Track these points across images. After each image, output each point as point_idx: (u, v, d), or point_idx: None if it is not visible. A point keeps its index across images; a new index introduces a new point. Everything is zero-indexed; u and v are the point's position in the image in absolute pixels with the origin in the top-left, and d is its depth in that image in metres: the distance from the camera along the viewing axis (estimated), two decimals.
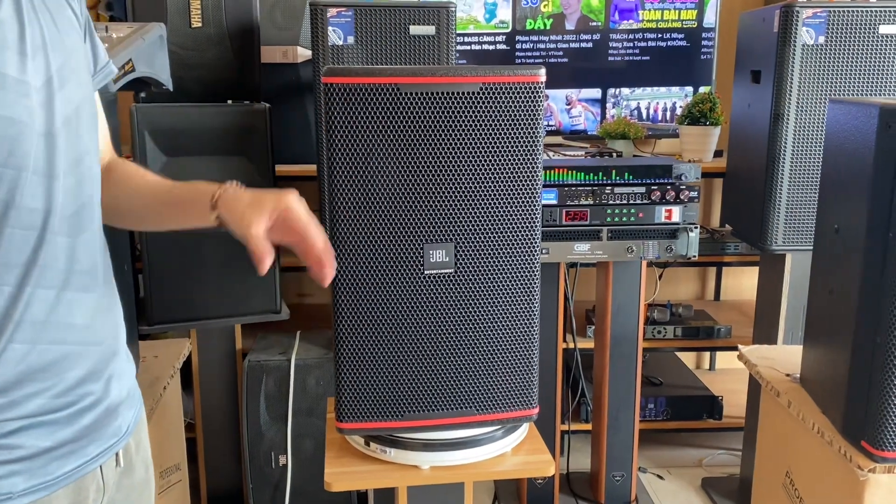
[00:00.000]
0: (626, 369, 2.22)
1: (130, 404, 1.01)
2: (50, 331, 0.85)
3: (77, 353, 0.88)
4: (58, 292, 0.85)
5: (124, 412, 0.98)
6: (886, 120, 1.29)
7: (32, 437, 0.84)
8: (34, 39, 0.82)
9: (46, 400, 0.85)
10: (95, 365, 0.92)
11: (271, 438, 2.16)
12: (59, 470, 0.87)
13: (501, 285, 1.29)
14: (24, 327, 0.81)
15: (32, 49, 0.81)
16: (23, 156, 0.79)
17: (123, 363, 1.00)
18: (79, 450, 0.90)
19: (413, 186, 1.23)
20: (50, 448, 0.86)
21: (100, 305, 0.92)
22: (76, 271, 0.87)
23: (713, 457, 2.76)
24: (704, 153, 2.56)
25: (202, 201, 0.99)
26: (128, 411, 0.99)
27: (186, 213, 1.03)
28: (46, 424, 0.86)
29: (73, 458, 0.89)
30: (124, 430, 0.98)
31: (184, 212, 1.03)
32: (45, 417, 0.85)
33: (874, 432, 1.33)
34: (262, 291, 2.08)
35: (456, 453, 1.35)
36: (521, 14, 2.68)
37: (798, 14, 1.93)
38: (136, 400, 1.04)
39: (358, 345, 1.27)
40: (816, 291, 1.59)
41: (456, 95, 1.20)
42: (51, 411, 0.86)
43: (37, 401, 0.84)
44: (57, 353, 0.86)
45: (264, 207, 0.96)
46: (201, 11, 1.96)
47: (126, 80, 1.41)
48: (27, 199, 0.80)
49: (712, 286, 3.17)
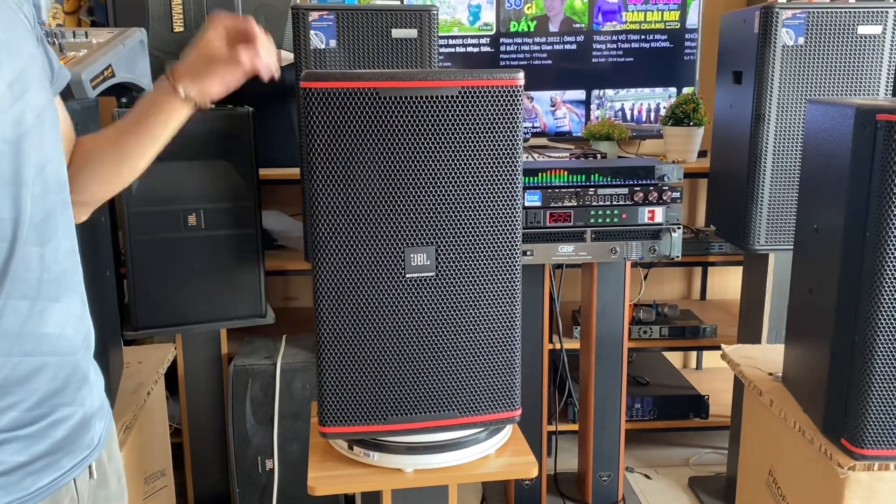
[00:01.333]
0: (613, 369, 2.22)
1: (101, 416, 1.00)
2: (23, 342, 0.84)
3: (51, 363, 0.88)
4: (31, 303, 0.84)
5: (96, 424, 0.97)
6: (862, 120, 1.30)
7: (7, 452, 0.83)
8: None
9: (20, 413, 0.84)
10: (69, 375, 0.91)
11: (258, 443, 2.15)
12: (35, 485, 0.86)
13: (482, 288, 1.29)
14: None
15: None
16: None
17: (94, 374, 0.99)
18: (53, 463, 0.89)
19: (393, 190, 1.23)
20: (25, 462, 0.85)
21: (70, 314, 0.92)
22: (46, 280, 0.86)
23: (700, 456, 2.77)
24: (688, 154, 2.57)
25: (162, 96, 1.01)
26: (99, 423, 0.98)
27: (156, 120, 1.03)
28: (21, 439, 0.84)
29: (49, 471, 0.88)
30: (96, 441, 0.97)
31: (153, 120, 1.03)
32: (19, 432, 0.84)
33: (853, 430, 1.34)
34: (247, 295, 2.08)
35: (439, 456, 1.35)
36: (505, 16, 2.68)
37: (778, 15, 1.94)
38: (107, 411, 1.03)
39: (340, 349, 1.28)
40: (797, 291, 1.60)
41: (434, 99, 1.20)
42: (25, 425, 0.85)
43: (11, 414, 0.83)
44: (31, 365, 0.85)
45: (204, 38, 1.00)
46: (183, 16, 1.96)
47: (106, 85, 1.41)
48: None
49: (698, 286, 3.18)
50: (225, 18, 1.01)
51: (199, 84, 1.01)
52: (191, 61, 1.01)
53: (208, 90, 1.01)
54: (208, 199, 1.99)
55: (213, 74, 1.01)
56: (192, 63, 1.01)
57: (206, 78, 1.00)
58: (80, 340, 0.94)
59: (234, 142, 1.98)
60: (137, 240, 1.95)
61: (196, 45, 1.01)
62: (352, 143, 1.20)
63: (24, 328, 0.84)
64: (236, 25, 1.00)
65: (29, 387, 0.85)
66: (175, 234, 1.98)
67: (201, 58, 1.01)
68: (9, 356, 0.82)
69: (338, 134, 1.20)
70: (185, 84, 1.01)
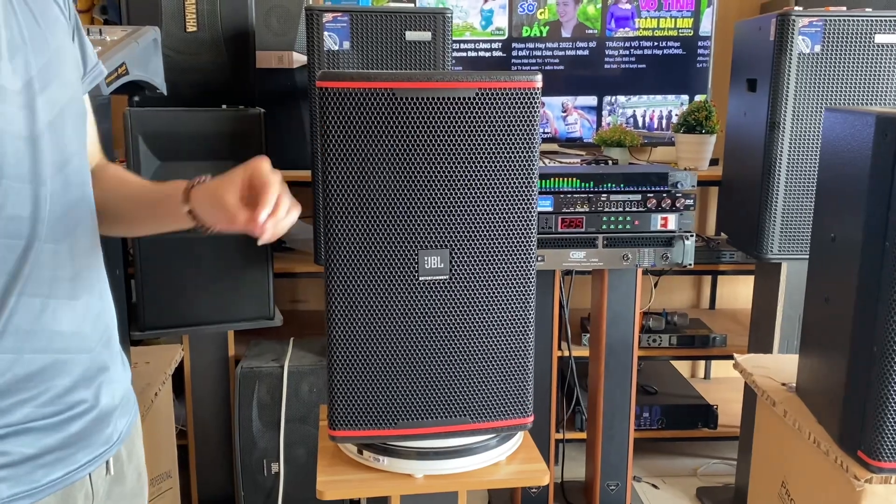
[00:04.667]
0: (622, 378, 2.21)
1: (124, 411, 0.99)
2: (35, 339, 0.83)
3: (64, 360, 0.87)
4: (43, 300, 0.83)
5: (116, 420, 0.96)
6: (883, 129, 1.28)
7: (17, 444, 0.82)
8: (12, 40, 0.80)
9: (33, 409, 0.84)
10: (85, 372, 0.90)
11: (264, 446, 2.14)
12: (46, 478, 0.85)
13: (496, 292, 1.28)
14: (8, 337, 0.80)
15: (10, 50, 0.79)
16: (2, 162, 0.77)
17: (117, 369, 0.98)
18: (67, 457, 0.88)
19: (408, 192, 1.22)
20: (35, 455, 0.84)
21: (88, 311, 0.91)
22: (62, 278, 0.85)
23: (708, 466, 2.75)
24: (700, 161, 2.55)
25: (175, 196, 0.97)
26: (121, 419, 0.98)
27: (163, 212, 1.00)
28: (33, 431, 0.84)
29: (61, 465, 0.87)
30: (115, 437, 0.96)
31: (161, 210, 1.01)
32: (31, 425, 0.84)
33: (870, 442, 1.32)
34: (255, 297, 2.07)
35: (450, 462, 1.34)
36: (517, 21, 2.67)
37: (794, 23, 1.93)
38: (131, 407, 1.02)
39: (351, 352, 1.26)
40: (812, 300, 1.58)
41: (452, 101, 1.19)
42: (38, 419, 0.84)
43: (23, 410, 0.83)
44: (43, 362, 0.84)
45: (234, 176, 0.93)
46: (196, 16, 1.95)
47: (119, 83, 1.40)
48: (13, 208, 0.78)
49: (707, 294, 3.16)
50: (263, 175, 0.91)
51: (208, 215, 0.95)
52: (212, 191, 0.94)
53: (214, 223, 0.95)
54: None
55: (224, 216, 0.92)
56: (212, 193, 0.94)
57: (216, 213, 0.93)
58: (98, 337, 0.93)
59: (245, 142, 1.97)
60: (146, 240, 1.94)
61: (224, 182, 0.93)
62: (367, 143, 1.19)
63: (37, 325, 0.83)
64: (266, 187, 0.90)
65: (42, 382, 0.84)
66: (184, 235, 1.95)
67: (217, 200, 0.93)
68: (20, 353, 0.81)
69: (353, 134, 1.19)
70: (196, 206, 0.95)
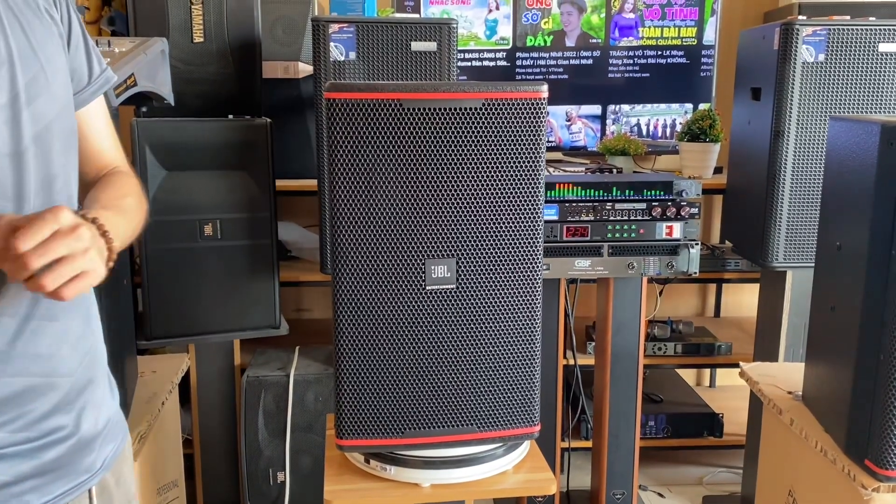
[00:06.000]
0: (627, 386, 2.20)
1: (109, 438, 0.95)
2: (12, 362, 0.80)
3: (43, 384, 0.83)
4: (20, 321, 0.80)
5: (100, 447, 0.92)
6: (888, 137, 1.29)
7: None
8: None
9: (7, 434, 0.81)
10: (64, 397, 0.86)
11: (269, 455, 2.14)
12: None
13: (503, 301, 1.28)
14: None
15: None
16: None
17: (102, 393, 0.94)
18: (42, 486, 0.84)
19: (415, 201, 1.22)
20: (8, 483, 0.81)
21: (68, 333, 0.87)
22: (41, 298, 0.81)
23: (714, 475, 2.74)
24: (704, 170, 2.56)
25: None
26: (105, 445, 0.94)
27: None
28: (6, 458, 0.81)
29: (36, 494, 0.83)
30: (99, 465, 0.92)
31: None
32: (5, 451, 0.81)
33: (878, 451, 1.32)
34: (260, 306, 2.07)
35: (457, 471, 1.34)
36: (521, 31, 2.69)
37: (798, 32, 1.93)
38: (118, 432, 0.98)
39: (358, 361, 1.27)
40: (818, 308, 1.58)
41: (458, 111, 1.20)
42: (11, 444, 0.81)
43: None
44: (20, 386, 0.81)
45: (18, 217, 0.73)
46: (203, 27, 1.97)
47: (129, 94, 1.41)
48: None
49: (712, 303, 3.16)
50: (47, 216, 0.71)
51: None
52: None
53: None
54: (224, 210, 1.99)
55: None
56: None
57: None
58: (78, 361, 0.89)
59: (251, 152, 1.99)
60: (153, 249, 1.95)
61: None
62: (374, 153, 1.20)
63: (13, 348, 0.80)
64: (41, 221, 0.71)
65: (17, 407, 0.81)
66: (191, 244, 1.98)
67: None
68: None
69: (361, 144, 1.19)
70: None
